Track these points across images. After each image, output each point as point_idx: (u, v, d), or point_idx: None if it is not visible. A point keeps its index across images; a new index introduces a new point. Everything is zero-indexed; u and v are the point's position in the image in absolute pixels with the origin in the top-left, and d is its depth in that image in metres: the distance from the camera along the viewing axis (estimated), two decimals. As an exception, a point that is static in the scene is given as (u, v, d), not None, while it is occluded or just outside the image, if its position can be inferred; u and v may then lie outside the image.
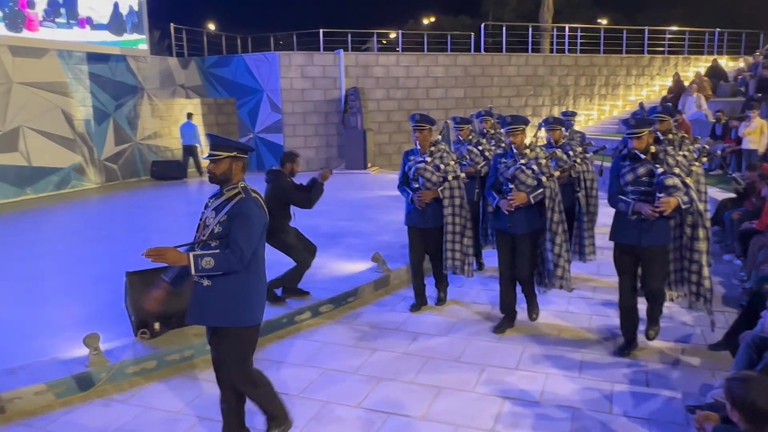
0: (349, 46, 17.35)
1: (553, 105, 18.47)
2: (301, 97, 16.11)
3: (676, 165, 4.10)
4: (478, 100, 17.41)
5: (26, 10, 12.63)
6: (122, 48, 14.95)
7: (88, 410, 4.02)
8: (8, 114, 12.36)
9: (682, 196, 3.89)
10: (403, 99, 16.87)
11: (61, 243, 8.64)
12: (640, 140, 4.06)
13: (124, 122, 15.20)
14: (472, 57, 17.46)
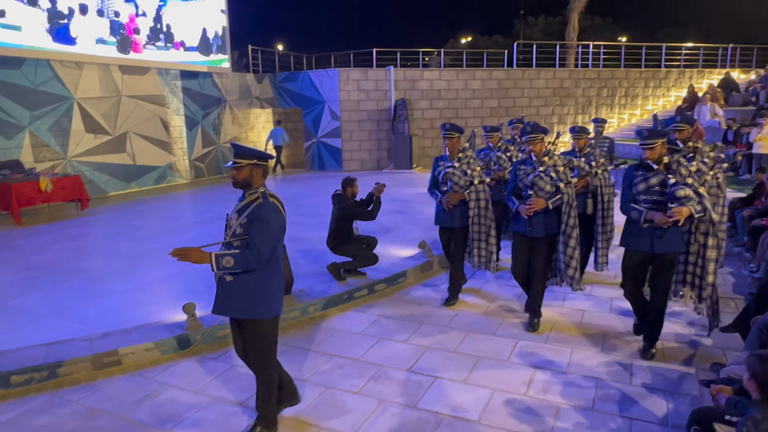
0: (398, 63, 17.30)
1: (577, 114, 17.96)
2: (356, 107, 16.18)
3: (690, 175, 3.69)
4: (510, 109, 17.10)
5: (133, 36, 12.98)
6: (209, 66, 15.21)
7: (187, 365, 4.17)
8: (118, 121, 12.80)
9: (695, 205, 3.54)
10: (444, 108, 16.73)
11: (160, 228, 8.88)
12: (653, 151, 3.67)
13: (209, 128, 15.53)
14: (505, 72, 17.14)
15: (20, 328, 4.63)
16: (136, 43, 13.07)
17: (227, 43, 15.83)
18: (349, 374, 3.92)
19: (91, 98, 12.14)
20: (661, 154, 3.69)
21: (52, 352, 4.07)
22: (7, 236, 8.36)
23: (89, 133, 12.13)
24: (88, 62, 12.00)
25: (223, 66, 15.73)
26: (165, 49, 13.87)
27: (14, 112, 10.64)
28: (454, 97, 16.75)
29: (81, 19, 11.77)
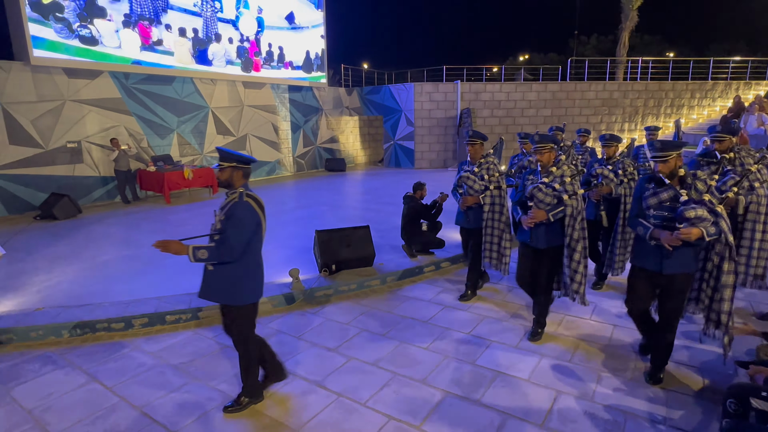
0: (464, 77, 16.91)
1: (624, 122, 16.72)
2: (428, 115, 16.04)
3: (708, 191, 2.84)
4: (562, 117, 16.22)
5: (253, 57, 13.67)
6: (310, 82, 15.64)
7: (291, 317, 4.37)
8: (240, 126, 13.51)
9: (709, 227, 2.73)
10: (503, 117, 16.18)
11: (271, 209, 9.18)
12: (666, 164, 2.86)
13: (309, 132, 16.02)
14: (559, 85, 16.26)
15: (171, 280, 5.06)
16: (256, 63, 13.69)
17: (325, 62, 16.18)
18: (420, 333, 3.97)
19: (221, 107, 12.89)
20: (675, 168, 2.88)
21: (195, 299, 4.43)
22: (160, 212, 9.14)
23: (219, 134, 12.90)
24: (220, 79, 12.73)
25: (321, 81, 16.09)
26: (277, 68, 14.40)
27: (166, 118, 11.55)
28: (512, 107, 16.15)
29: (215, 45, 12.49)
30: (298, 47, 15.07)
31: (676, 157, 2.87)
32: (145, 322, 4.14)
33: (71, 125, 9.74)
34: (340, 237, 5.23)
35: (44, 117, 9.33)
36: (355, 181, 13.43)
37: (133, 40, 10.63)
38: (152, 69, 11.04)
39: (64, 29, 9.41)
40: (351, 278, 5.01)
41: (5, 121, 8.79)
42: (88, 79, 9.95)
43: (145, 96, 11.04)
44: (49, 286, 5.01)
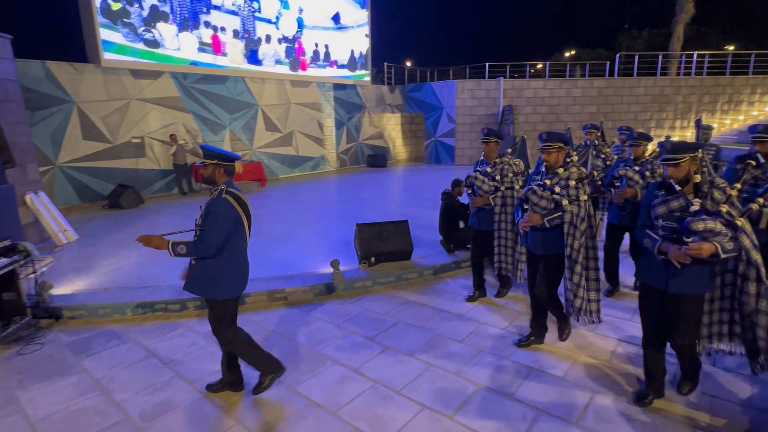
0: (507, 74, 16.51)
1: (675, 119, 15.77)
2: (469, 112, 15.80)
3: (727, 200, 2.40)
4: (608, 114, 15.53)
5: (301, 57, 13.97)
6: (354, 80, 15.79)
7: (332, 305, 4.46)
8: (287, 122, 13.87)
9: (725, 242, 2.33)
10: (546, 113, 15.68)
11: (315, 202, 9.41)
12: (677, 168, 2.48)
13: (352, 128, 16.20)
14: (606, 81, 15.54)
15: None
16: (303, 62, 13.98)
17: (369, 61, 16.27)
18: (455, 327, 3.95)
19: (270, 105, 13.27)
20: (689, 173, 2.50)
21: (242, 286, 4.62)
22: (213, 203, 9.54)
23: (267, 131, 13.30)
24: (269, 78, 13.10)
25: (365, 79, 16.21)
26: (323, 67, 14.64)
27: (220, 115, 12.03)
28: (556, 103, 15.61)
29: (266, 46, 12.86)
30: (344, 46, 15.23)
31: (690, 161, 2.48)
32: (197, 304, 4.37)
33: (136, 122, 10.35)
34: (379, 230, 5.28)
35: (112, 115, 9.97)
36: (396, 177, 13.46)
37: (191, 42, 11.13)
38: (208, 69, 11.53)
39: (130, 33, 9.99)
40: (389, 271, 5.05)
41: (80, 119, 9.47)
42: (151, 79, 10.53)
43: (201, 95, 11.55)
44: (114, 268, 5.39)
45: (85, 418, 2.84)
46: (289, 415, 2.83)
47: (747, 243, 2.40)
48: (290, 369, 3.33)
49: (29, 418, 2.85)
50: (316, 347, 3.65)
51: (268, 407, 2.91)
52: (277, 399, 2.99)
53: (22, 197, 6.34)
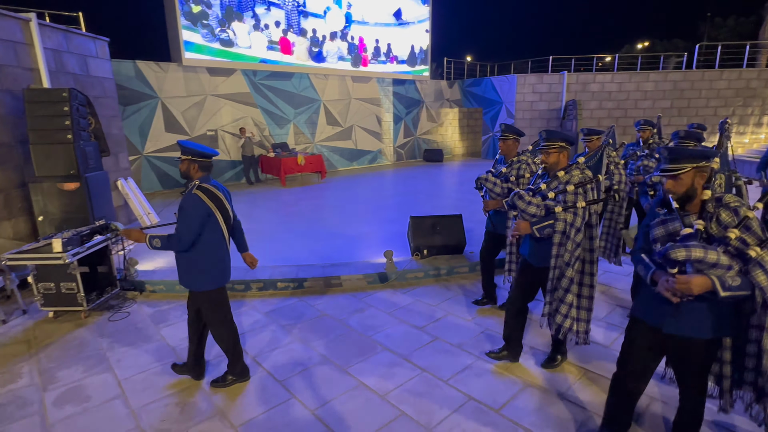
0: (572, 68, 15.68)
1: (763, 115, 14.20)
2: (530, 107, 15.21)
3: (740, 223, 1.84)
4: (684, 109, 14.30)
5: (362, 53, 14.14)
6: (413, 75, 15.73)
7: (384, 294, 4.53)
8: (348, 117, 14.13)
9: (726, 276, 1.81)
10: (613, 108, 14.72)
11: (371, 195, 9.54)
12: (676, 181, 1.95)
13: (410, 123, 16.17)
14: (682, 73, 14.29)
15: (282, 253, 5.55)
16: (365, 58, 14.14)
17: (428, 56, 16.13)
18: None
19: (331, 100, 13.57)
20: (691, 187, 1.94)
21: (301, 271, 4.83)
22: (276, 193, 10.00)
23: (329, 125, 13.63)
24: (332, 74, 13.40)
25: (424, 75, 16.09)
26: (383, 62, 14.71)
27: (285, 109, 12.51)
28: (624, 98, 14.61)
29: (330, 43, 13.15)
30: (404, 42, 15.20)
31: (694, 173, 1.93)
32: (260, 286, 4.63)
33: (210, 116, 11.03)
34: (432, 224, 5.28)
35: (191, 109, 10.70)
36: (452, 172, 13.29)
37: (261, 41, 11.63)
38: (276, 66, 12.00)
39: (208, 34, 10.63)
40: (441, 263, 5.04)
41: (163, 113, 10.26)
42: (225, 76, 11.16)
43: (268, 90, 12.06)
44: (189, 249, 5.82)
45: (162, 381, 3.13)
46: (339, 393, 2.93)
47: (763, 280, 1.78)
48: (343, 352, 3.44)
49: (117, 377, 3.19)
50: (368, 333, 3.74)
51: (322, 384, 3.03)
52: (330, 378, 3.11)
53: (114, 182, 7.01)
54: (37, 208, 5.13)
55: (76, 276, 3.97)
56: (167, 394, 2.98)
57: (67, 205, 5.16)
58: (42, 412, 2.82)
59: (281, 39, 11.96)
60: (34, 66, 5.54)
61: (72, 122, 5.08)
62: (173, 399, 2.93)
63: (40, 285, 3.99)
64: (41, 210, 5.14)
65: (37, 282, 3.99)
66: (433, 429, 2.60)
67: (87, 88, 6.49)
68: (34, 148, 5.03)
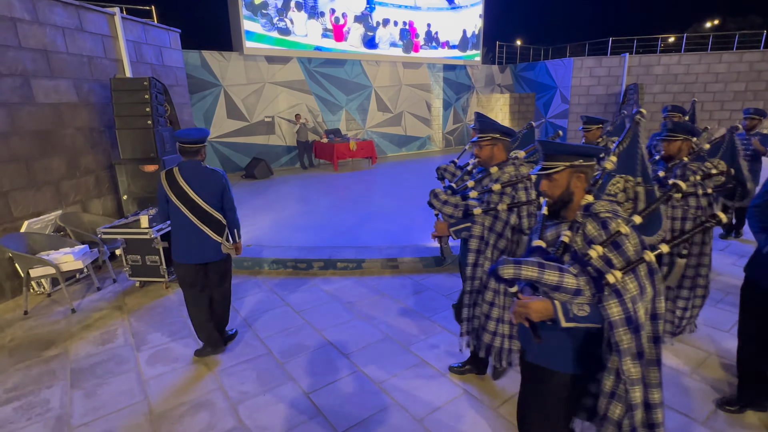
0: (633, 50, 14.68)
1: None
2: (586, 92, 14.45)
3: (607, 240, 1.50)
4: (760, 92, 13.02)
5: (414, 39, 13.96)
6: (465, 60, 15.34)
7: (439, 277, 4.56)
8: (398, 103, 14.07)
9: (575, 303, 1.48)
10: (679, 93, 13.67)
11: (420, 180, 9.47)
12: (551, 182, 1.65)
13: (459, 109, 15.87)
14: (761, 53, 12.98)
15: (341, 236, 5.69)
16: (416, 44, 13.95)
17: (480, 41, 15.65)
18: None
19: (382, 86, 13.55)
20: (566, 191, 1.63)
21: (359, 252, 4.94)
22: (329, 178, 10.20)
23: (379, 111, 13.64)
24: (383, 61, 13.35)
25: (475, 60, 15.66)
26: (434, 48, 14.45)
27: (338, 96, 12.65)
28: (692, 81, 13.53)
29: (382, 30, 13.08)
30: (456, 27, 14.83)
31: (569, 173, 1.62)
32: (321, 265, 4.79)
33: (268, 103, 11.37)
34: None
35: (250, 97, 11.07)
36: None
37: (316, 29, 11.76)
38: (329, 54, 12.12)
39: (267, 23, 10.89)
40: (496, 249, 4.96)
41: (225, 100, 10.70)
42: (281, 64, 11.43)
43: (322, 78, 12.23)
44: (253, 229, 6.10)
45: (238, 349, 3.35)
46: (403, 369, 3.02)
47: (615, 314, 1.43)
48: (402, 331, 3.52)
49: (199, 343, 3.44)
50: (426, 314, 3.79)
51: (382, 359, 3.13)
52: (392, 354, 3.20)
53: (185, 166, 7.43)
54: (122, 187, 5.56)
55: (159, 250, 4.30)
56: (245, 359, 3.19)
57: (148, 185, 5.56)
58: (137, 369, 3.12)
59: (334, 26, 12.04)
60: (118, 57, 5.94)
61: (152, 109, 5.42)
62: (250, 364, 3.13)
63: (128, 257, 4.36)
64: (125, 189, 5.57)
65: (126, 254, 4.36)
66: (497, 409, 2.62)
67: (162, 76, 6.88)
68: (119, 132, 5.43)
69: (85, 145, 5.31)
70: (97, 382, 2.98)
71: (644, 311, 1.47)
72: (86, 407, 2.74)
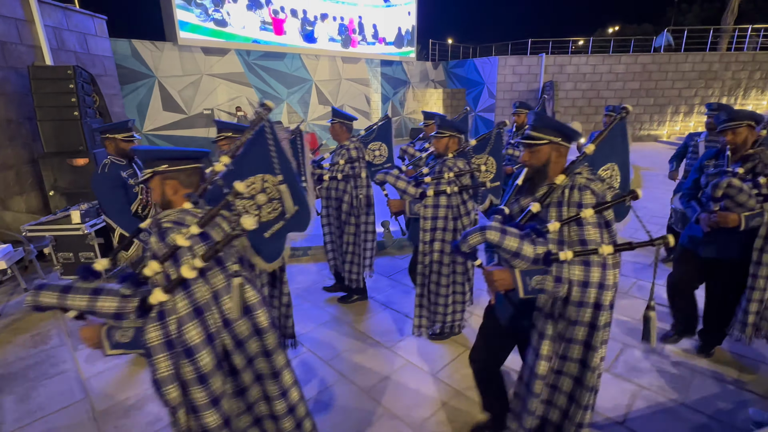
0: (549, 50, 15.63)
1: (722, 96, 14.48)
2: (510, 88, 15.20)
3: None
4: (651, 90, 14.48)
5: (352, 34, 13.82)
6: (400, 56, 15.49)
7: (383, 260, 4.64)
8: (338, 97, 13.90)
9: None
10: (587, 90, 14.81)
11: None
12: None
13: (397, 103, 16.02)
14: (651, 56, 14.39)
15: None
16: (354, 40, 13.83)
17: (414, 38, 15.86)
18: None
19: (322, 80, 13.32)
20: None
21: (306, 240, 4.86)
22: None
23: (320, 104, 13.42)
24: (323, 55, 13.10)
25: (410, 56, 15.86)
26: (372, 44, 14.43)
27: (278, 89, 12.25)
28: (598, 79, 14.70)
29: (321, 24, 12.80)
30: (391, 24, 14.89)
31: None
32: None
33: (206, 95, 10.75)
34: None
35: (187, 88, 10.40)
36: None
37: (254, 21, 11.26)
38: (268, 47, 11.68)
39: (202, 13, 10.24)
40: (434, 232, 5.13)
41: (160, 92, 9.96)
42: (219, 56, 10.82)
43: (262, 70, 11.77)
44: (196, 222, 5.79)
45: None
46: (349, 346, 3.06)
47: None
48: (349, 313, 3.56)
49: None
50: (371, 294, 3.86)
51: (326, 340, 3.15)
52: (340, 334, 3.23)
53: (118, 159, 6.85)
54: (47, 183, 5.03)
55: (94, 246, 3.96)
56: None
57: (78, 179, 5.07)
58: (76, 369, 2.88)
59: (273, 19, 11.61)
60: (36, 43, 5.31)
61: (78, 99, 4.93)
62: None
63: (59, 255, 3.97)
64: (51, 185, 5.04)
65: (56, 252, 3.97)
66: (436, 374, 2.75)
67: (88, 66, 6.26)
68: (41, 124, 4.89)
69: (2, 138, 4.72)
70: (31, 385, 2.72)
71: None
72: (20, 411, 2.50)
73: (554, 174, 1.64)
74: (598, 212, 1.49)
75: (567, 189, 1.57)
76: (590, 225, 1.50)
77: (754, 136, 2.44)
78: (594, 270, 1.46)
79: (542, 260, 1.46)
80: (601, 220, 1.52)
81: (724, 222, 2.32)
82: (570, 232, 1.52)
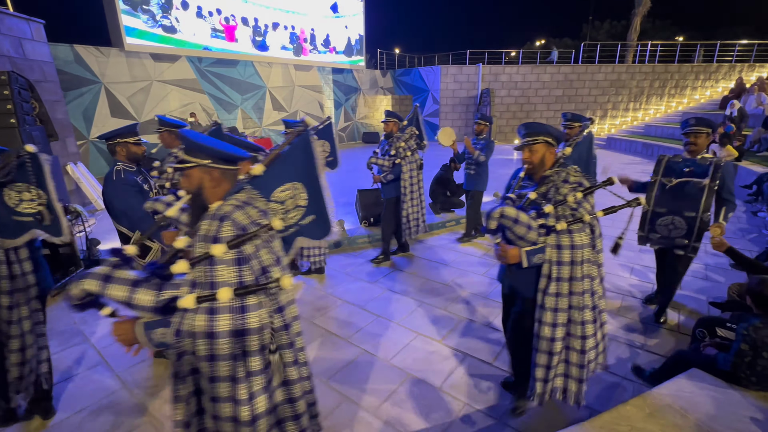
0: (485, 60, 16.26)
1: (629, 102, 15.80)
2: (452, 94, 15.64)
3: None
4: (573, 97, 15.49)
5: (303, 43, 13.57)
6: (350, 65, 15.45)
7: (337, 257, 4.61)
8: (292, 103, 13.63)
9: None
10: (519, 96, 15.59)
11: None
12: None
13: (349, 109, 15.97)
14: (571, 67, 15.41)
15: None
16: (305, 49, 13.59)
17: (363, 47, 15.87)
18: (441, 273, 4.14)
19: (276, 87, 12.98)
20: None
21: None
22: (230, 174, 9.49)
23: (275, 110, 13.07)
24: (275, 63, 12.76)
25: (360, 64, 15.86)
26: (323, 52, 14.26)
27: (232, 95, 11.78)
28: (528, 87, 15.51)
29: (272, 33, 12.45)
30: (341, 34, 14.80)
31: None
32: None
33: (158, 101, 10.12)
34: (376, 195, 5.39)
35: (137, 95, 9.72)
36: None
37: (204, 28, 10.74)
38: (220, 54, 11.19)
39: (150, 20, 9.61)
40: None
41: (108, 98, 9.24)
42: (169, 62, 10.22)
43: (215, 77, 11.26)
44: (151, 228, 5.44)
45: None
46: (310, 341, 3.03)
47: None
48: (307, 308, 3.51)
49: (96, 347, 3.01)
50: (328, 290, 3.83)
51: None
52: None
53: (64, 167, 6.30)
54: (-17, 194, 4.50)
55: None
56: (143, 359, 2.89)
57: (18, 189, 4.58)
58: (22, 385, 2.61)
59: (225, 27, 11.14)
60: (-37, 47, 4.73)
61: (15, 106, 4.46)
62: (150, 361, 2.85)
63: None
64: (-12, 196, 4.52)
65: None
66: (390, 360, 2.79)
67: (25, 71, 5.68)
68: (-26, 133, 4.37)
69: (-73, 148, 4.16)
70: None
71: None
72: (-42, 435, 2.23)
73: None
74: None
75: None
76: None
77: (553, 156, 1.94)
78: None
79: None
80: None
81: (504, 257, 1.86)
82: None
